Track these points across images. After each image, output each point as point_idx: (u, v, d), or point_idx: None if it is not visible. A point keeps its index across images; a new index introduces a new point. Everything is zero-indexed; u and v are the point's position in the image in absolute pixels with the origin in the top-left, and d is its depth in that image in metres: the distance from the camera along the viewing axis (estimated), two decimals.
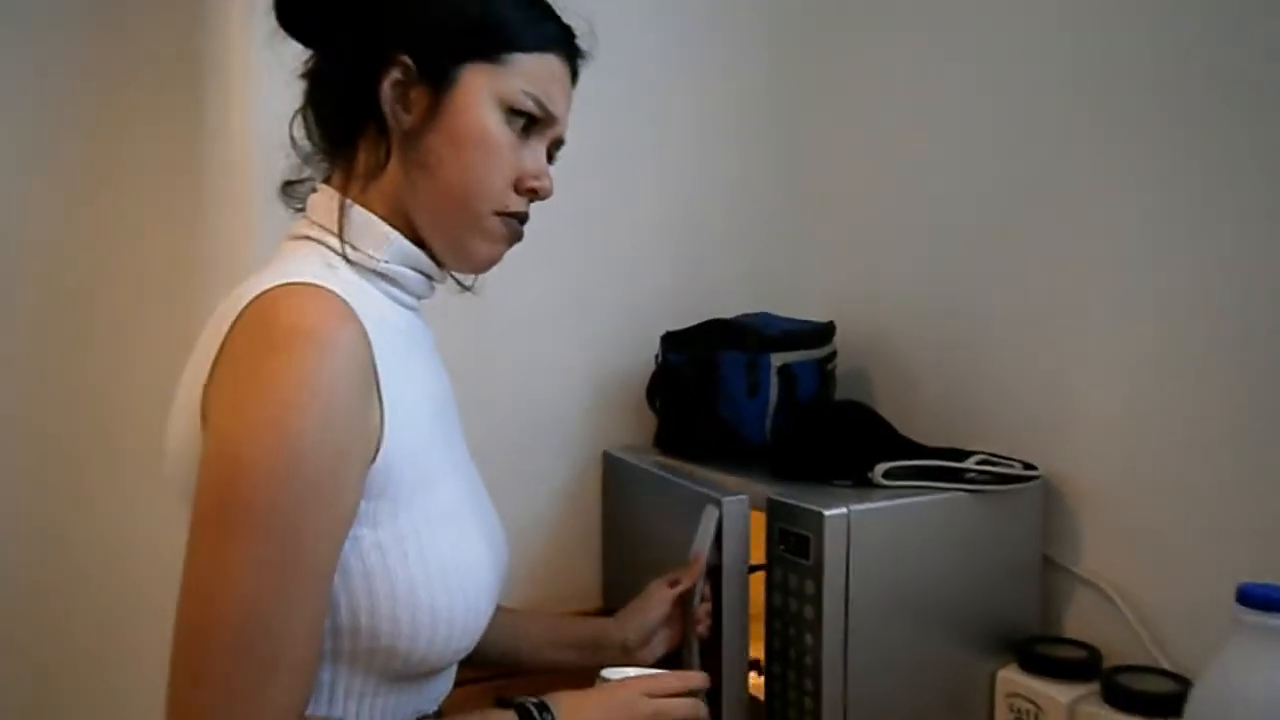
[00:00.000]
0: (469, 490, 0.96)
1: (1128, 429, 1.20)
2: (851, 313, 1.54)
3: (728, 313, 1.45)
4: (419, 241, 0.93)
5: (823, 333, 1.43)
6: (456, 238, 0.93)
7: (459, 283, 1.05)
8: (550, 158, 0.99)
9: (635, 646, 1.15)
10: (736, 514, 1.12)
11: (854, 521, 1.08)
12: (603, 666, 1.03)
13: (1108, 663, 1.13)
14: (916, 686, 1.14)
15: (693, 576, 1.13)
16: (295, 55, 0.96)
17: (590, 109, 1.51)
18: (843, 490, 1.15)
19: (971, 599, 1.18)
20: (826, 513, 1.07)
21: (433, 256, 0.94)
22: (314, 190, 0.94)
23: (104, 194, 1.67)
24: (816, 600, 1.08)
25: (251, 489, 0.73)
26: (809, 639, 1.09)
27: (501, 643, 1.10)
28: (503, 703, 0.90)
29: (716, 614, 1.12)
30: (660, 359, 1.45)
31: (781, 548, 1.12)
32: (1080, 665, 1.13)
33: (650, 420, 1.47)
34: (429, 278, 0.96)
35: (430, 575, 0.84)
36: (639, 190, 1.56)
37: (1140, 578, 1.18)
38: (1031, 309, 1.31)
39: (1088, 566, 1.23)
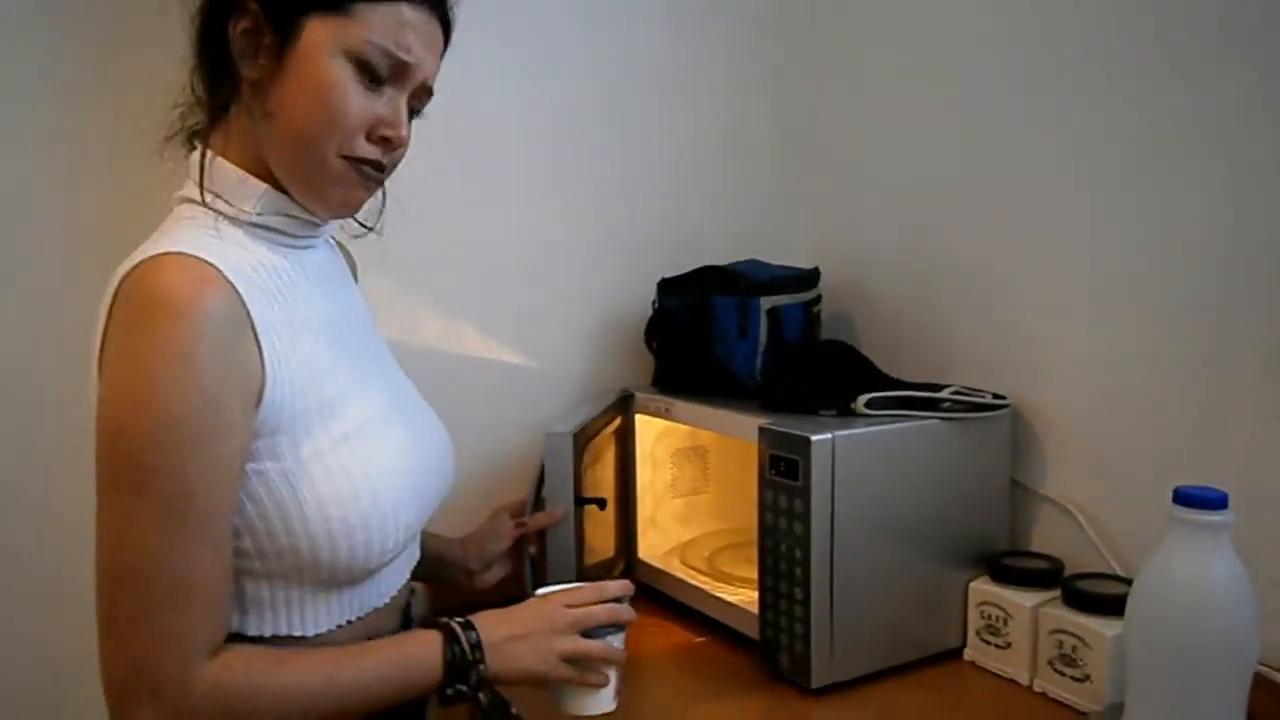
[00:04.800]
0: (385, 405, 1.00)
1: (1089, 364, 1.30)
2: (835, 259, 1.62)
3: (720, 260, 1.53)
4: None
5: (808, 278, 1.51)
6: (305, 182, 0.93)
7: (360, 223, 1.07)
8: (415, 109, 0.98)
9: (478, 570, 1.24)
10: (558, 448, 1.19)
11: (838, 446, 1.17)
12: (445, 583, 1.12)
13: (1068, 572, 1.23)
14: (896, 596, 1.24)
15: (525, 512, 1.24)
16: None
17: (589, 70, 1.60)
18: (828, 419, 1.24)
19: (946, 517, 1.27)
20: (813, 438, 1.16)
21: None
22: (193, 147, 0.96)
23: (112, 176, 1.69)
24: (805, 518, 1.17)
25: (133, 457, 0.80)
26: (798, 553, 1.18)
27: None
28: (429, 624, 0.96)
29: (545, 543, 1.21)
30: (657, 304, 1.53)
31: (772, 472, 1.21)
32: (1044, 575, 1.23)
33: (648, 361, 1.56)
34: (309, 220, 0.98)
35: (340, 492, 0.89)
36: (637, 146, 1.63)
37: (1098, 497, 1.29)
38: (1002, 255, 1.40)
39: (1051, 488, 1.34)
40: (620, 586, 1.05)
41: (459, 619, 0.96)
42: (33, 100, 1.62)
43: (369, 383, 1.00)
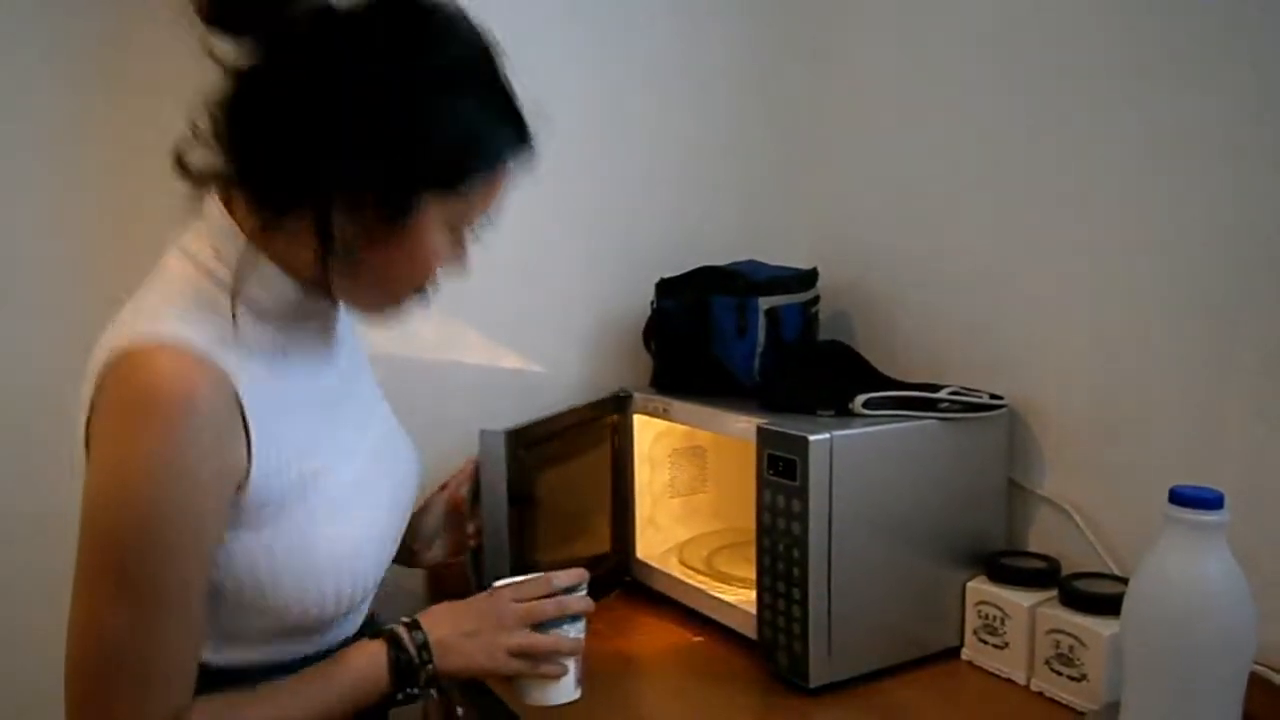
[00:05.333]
0: (366, 464, 1.00)
1: (1087, 364, 1.30)
2: (834, 260, 1.63)
3: (718, 261, 1.53)
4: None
5: (806, 278, 1.52)
6: (367, 308, 0.96)
7: None
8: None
9: (419, 548, 1.24)
10: (490, 445, 1.20)
11: (836, 446, 1.18)
12: (398, 558, 1.12)
13: (1065, 571, 1.24)
14: (894, 596, 1.24)
15: (455, 485, 1.25)
16: None
17: (589, 73, 1.61)
18: (826, 419, 1.24)
19: (943, 517, 1.28)
20: (811, 438, 1.16)
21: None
22: (205, 198, 0.91)
23: (115, 188, 1.71)
24: (803, 518, 1.17)
25: (115, 554, 0.81)
26: (796, 553, 1.19)
27: None
28: (377, 631, 0.97)
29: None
30: (655, 304, 1.53)
31: (770, 472, 1.21)
32: (1041, 574, 1.24)
33: (647, 361, 1.56)
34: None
35: (316, 565, 0.91)
36: (636, 147, 1.63)
37: (1095, 497, 1.30)
38: (1000, 256, 1.41)
39: (1049, 487, 1.35)
40: (571, 576, 1.04)
41: (406, 619, 0.98)
42: (34, 100, 1.63)
43: (354, 445, 1.01)
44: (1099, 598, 1.14)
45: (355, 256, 0.88)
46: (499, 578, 1.06)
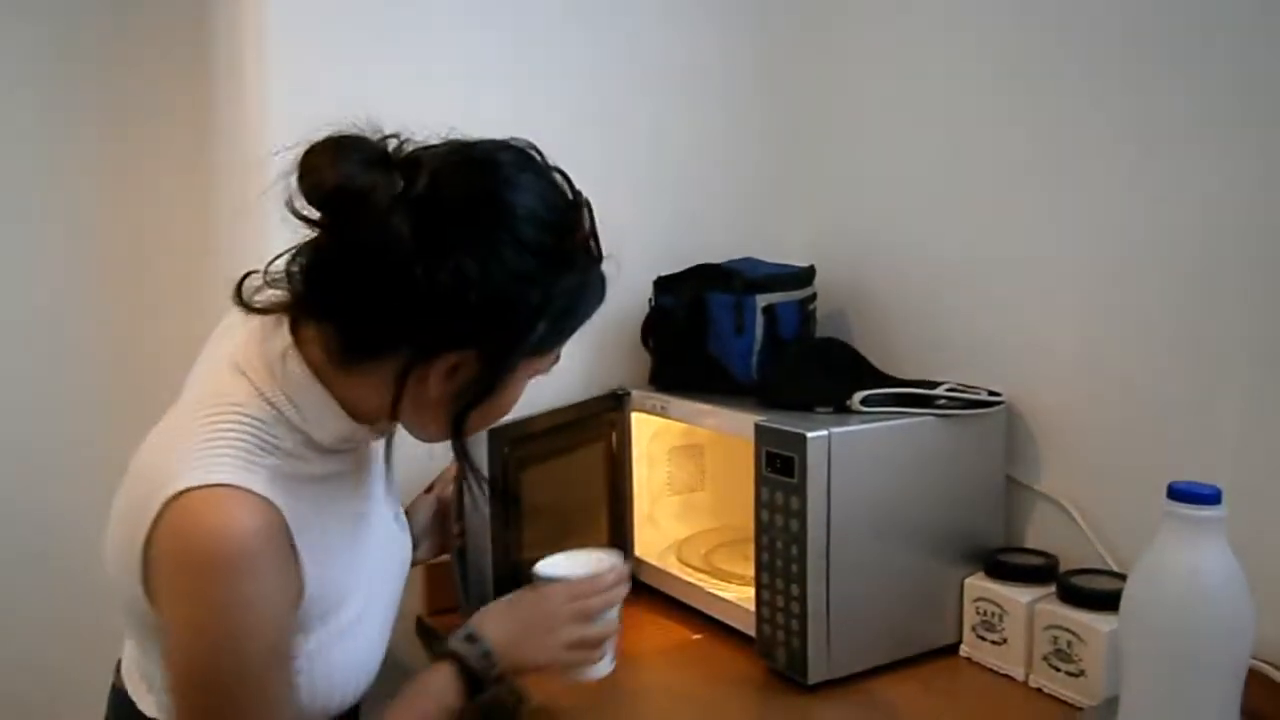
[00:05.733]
0: (379, 588, 1.03)
1: (1084, 360, 1.30)
2: (831, 258, 1.62)
3: (715, 258, 1.53)
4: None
5: (804, 276, 1.52)
6: (430, 440, 0.97)
7: None
8: None
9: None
10: (473, 441, 1.18)
11: (834, 443, 1.18)
12: None
13: (1064, 568, 1.24)
14: (892, 592, 1.24)
15: (442, 485, 1.27)
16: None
17: (587, 72, 1.61)
18: (824, 416, 1.24)
19: (941, 514, 1.28)
20: (809, 435, 1.17)
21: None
22: (275, 324, 0.92)
23: (115, 195, 1.73)
24: (801, 515, 1.18)
25: (218, 695, 0.84)
26: (794, 550, 1.19)
27: None
28: (429, 637, 1.02)
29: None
30: (653, 302, 1.53)
31: (768, 469, 1.21)
32: (1039, 571, 1.24)
33: (645, 359, 1.56)
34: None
35: (331, 676, 0.94)
36: (632, 145, 1.63)
37: (1093, 493, 1.30)
38: (996, 253, 1.41)
39: (1046, 484, 1.35)
40: (616, 576, 1.09)
41: (464, 633, 1.02)
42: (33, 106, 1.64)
43: (370, 565, 1.02)
44: (1097, 594, 1.14)
45: (440, 402, 0.91)
46: (551, 561, 1.11)
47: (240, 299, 0.94)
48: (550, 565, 1.10)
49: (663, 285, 1.53)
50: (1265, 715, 1.02)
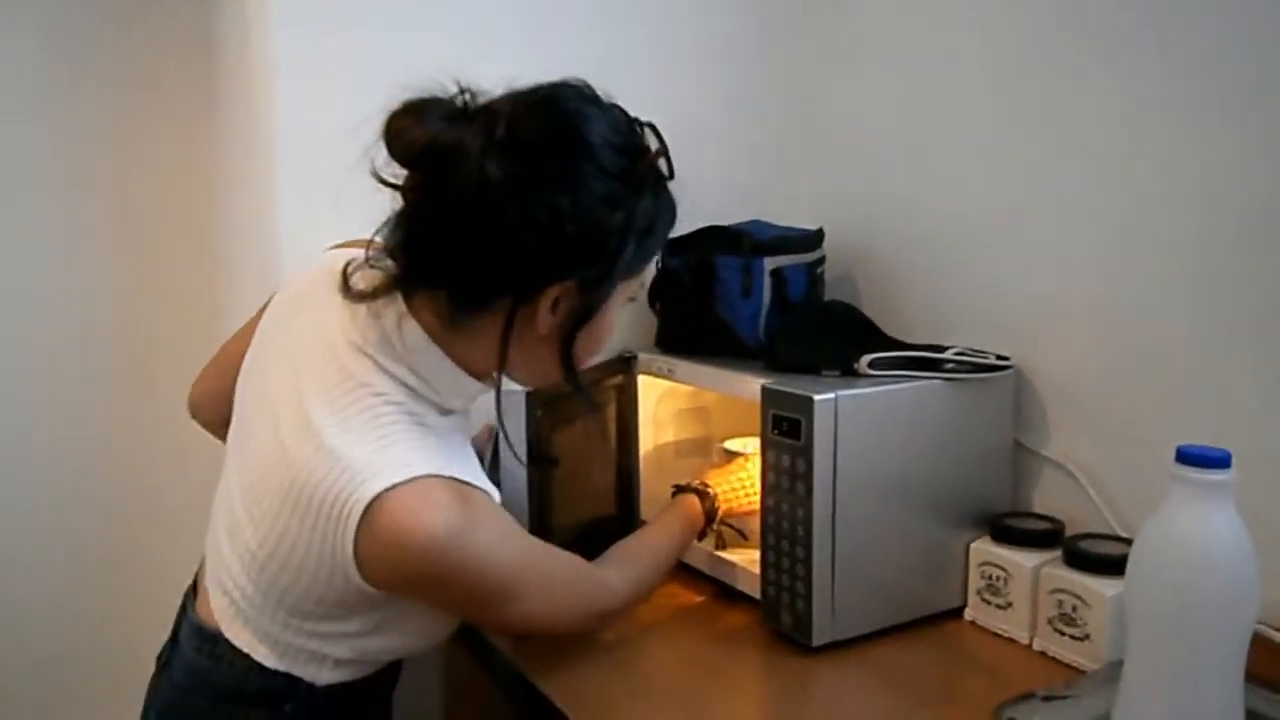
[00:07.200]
0: None
1: (1092, 324, 1.30)
2: (839, 221, 1.61)
3: (723, 221, 1.51)
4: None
5: (812, 238, 1.51)
6: (542, 385, 1.09)
7: None
8: None
9: None
10: (510, 404, 1.20)
11: (841, 406, 1.17)
12: None
13: (1070, 533, 1.24)
14: (898, 556, 1.25)
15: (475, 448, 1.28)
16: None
17: (595, 31, 1.59)
18: (831, 379, 1.24)
19: (948, 478, 1.28)
20: (816, 397, 1.16)
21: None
22: (388, 301, 0.98)
23: (120, 186, 1.74)
24: (807, 478, 1.17)
25: (511, 600, 0.99)
26: (800, 513, 1.19)
27: None
28: (685, 488, 1.33)
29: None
30: (660, 264, 1.52)
31: (775, 431, 1.21)
32: (1045, 535, 1.24)
33: (651, 322, 1.55)
34: None
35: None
36: (642, 108, 1.62)
37: (1100, 458, 1.29)
38: (1005, 217, 1.40)
39: (1054, 448, 1.34)
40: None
41: (697, 483, 1.35)
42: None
43: None
44: (1103, 558, 1.14)
45: (547, 336, 0.97)
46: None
47: (348, 289, 0.99)
48: (737, 444, 1.47)
49: (670, 247, 1.51)
50: (1270, 680, 1.02)
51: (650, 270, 1.51)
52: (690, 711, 1.10)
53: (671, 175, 1.03)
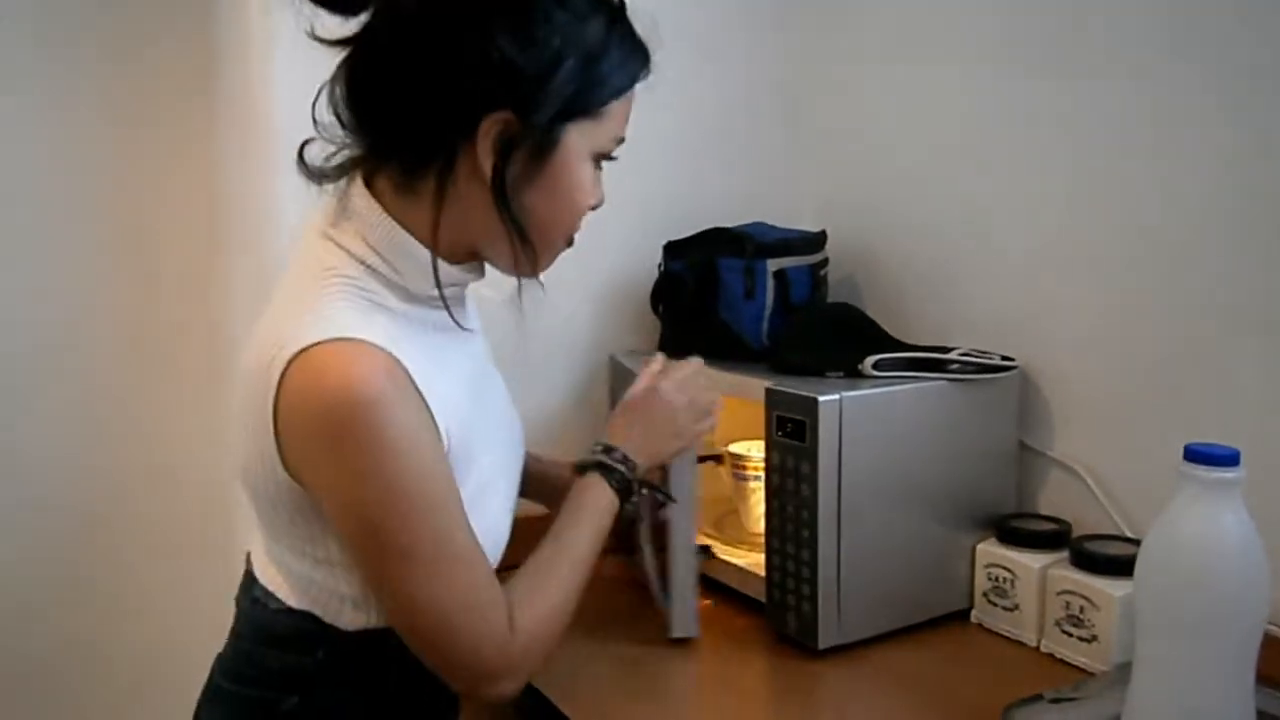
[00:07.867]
0: (501, 453, 1.04)
1: (1098, 326, 1.29)
2: (843, 222, 1.61)
3: (726, 223, 1.51)
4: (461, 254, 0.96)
5: (815, 240, 1.50)
6: (524, 263, 0.95)
7: None
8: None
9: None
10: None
11: (846, 407, 1.17)
12: (543, 502, 1.17)
13: (1077, 534, 1.23)
14: (903, 558, 1.24)
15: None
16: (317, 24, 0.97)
17: None
18: (835, 381, 1.23)
19: (953, 479, 1.27)
20: (821, 399, 1.16)
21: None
22: (349, 182, 0.94)
23: (118, 170, 1.73)
24: (812, 479, 1.17)
25: (398, 534, 0.86)
26: (805, 515, 1.18)
27: None
28: (583, 465, 1.06)
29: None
30: (663, 267, 1.52)
31: (779, 433, 1.21)
32: (1052, 536, 1.23)
33: (654, 325, 1.55)
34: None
35: None
36: (644, 110, 1.61)
37: (1106, 458, 1.29)
38: (1010, 217, 1.39)
39: (1059, 449, 1.34)
40: (691, 360, 1.17)
41: (600, 448, 1.06)
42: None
43: (494, 428, 1.04)
44: (1110, 559, 1.14)
45: (507, 195, 0.90)
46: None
47: (305, 167, 0.95)
48: (741, 448, 1.33)
49: (672, 250, 1.51)
50: None
51: (652, 271, 1.52)
52: (694, 715, 1.10)
53: (622, 8, 0.96)
